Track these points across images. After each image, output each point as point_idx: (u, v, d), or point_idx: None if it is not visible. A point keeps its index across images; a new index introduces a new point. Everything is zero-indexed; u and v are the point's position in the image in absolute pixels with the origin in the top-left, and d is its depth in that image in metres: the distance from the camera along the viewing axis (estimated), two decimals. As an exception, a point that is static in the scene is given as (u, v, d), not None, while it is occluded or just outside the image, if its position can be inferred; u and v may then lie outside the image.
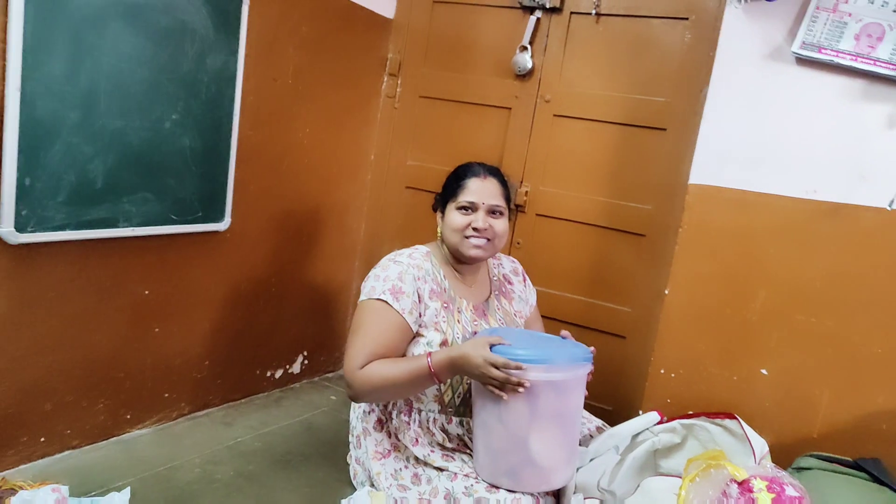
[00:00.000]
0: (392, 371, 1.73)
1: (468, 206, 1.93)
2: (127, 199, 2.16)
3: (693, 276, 2.33)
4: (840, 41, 2.04)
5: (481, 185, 1.94)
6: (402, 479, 1.87)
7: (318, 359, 3.23)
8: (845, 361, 2.13)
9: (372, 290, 1.83)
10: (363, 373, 1.74)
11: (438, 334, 1.86)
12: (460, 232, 1.92)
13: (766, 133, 2.19)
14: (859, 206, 2.08)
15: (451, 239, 1.95)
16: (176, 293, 2.46)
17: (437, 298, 1.89)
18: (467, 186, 1.94)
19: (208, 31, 2.28)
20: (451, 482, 1.80)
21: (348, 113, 3.04)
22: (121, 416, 2.38)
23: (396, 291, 1.81)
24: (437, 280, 1.92)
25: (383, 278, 1.84)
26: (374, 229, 3.27)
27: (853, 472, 1.97)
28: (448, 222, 1.95)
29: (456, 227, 1.92)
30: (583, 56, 2.75)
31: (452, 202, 1.95)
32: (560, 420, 1.75)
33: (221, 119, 2.40)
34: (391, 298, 1.80)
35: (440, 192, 2.04)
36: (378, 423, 1.97)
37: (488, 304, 2.05)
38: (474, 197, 1.93)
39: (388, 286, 1.81)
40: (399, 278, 1.83)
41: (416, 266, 1.88)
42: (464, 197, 1.93)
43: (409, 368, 1.73)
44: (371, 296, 1.82)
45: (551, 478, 1.77)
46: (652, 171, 2.62)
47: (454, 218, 1.93)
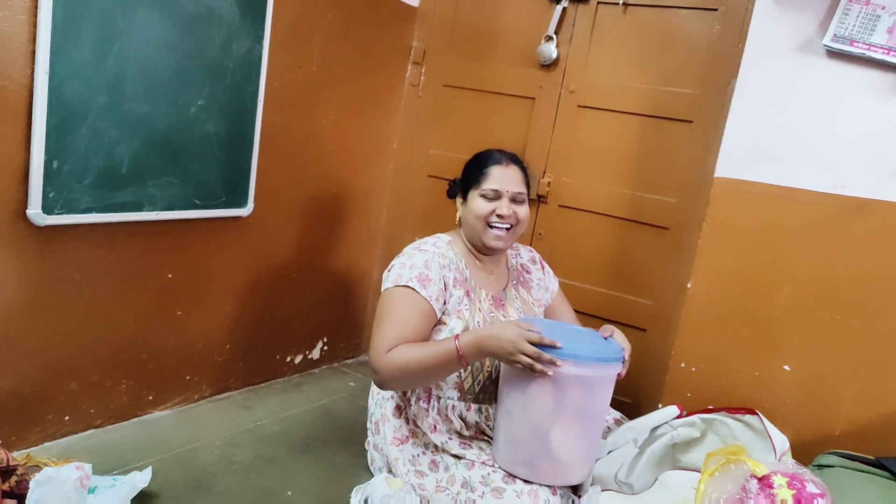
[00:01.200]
0: (419, 354, 1.72)
1: (492, 194, 1.92)
2: (152, 184, 2.18)
3: (716, 271, 2.31)
4: (872, 34, 2.00)
5: (504, 173, 1.94)
6: (419, 465, 1.88)
7: (338, 345, 3.24)
8: (869, 360, 2.10)
9: (398, 277, 1.83)
10: (389, 357, 1.73)
11: (461, 322, 1.86)
12: (484, 219, 1.92)
13: (794, 127, 2.16)
14: (889, 202, 2.04)
15: (473, 226, 1.95)
16: (198, 277, 2.49)
17: (460, 287, 1.90)
18: (491, 174, 1.94)
19: (234, 18, 2.29)
20: (468, 471, 1.80)
21: (372, 101, 3.04)
22: (143, 396, 2.42)
23: (423, 279, 1.81)
24: (460, 269, 1.93)
25: (409, 266, 1.84)
26: (395, 217, 3.27)
27: (875, 471, 1.94)
28: (471, 209, 1.94)
29: (480, 214, 1.92)
30: (609, 47, 2.73)
31: (475, 189, 1.95)
32: (584, 416, 1.74)
33: (246, 105, 2.42)
34: (418, 285, 1.80)
35: (459, 179, 2.04)
36: (396, 409, 1.98)
37: (506, 293, 2.05)
38: (498, 185, 1.93)
39: (415, 273, 1.82)
40: (425, 266, 1.84)
41: (440, 254, 1.89)
42: (487, 185, 1.93)
43: (436, 351, 1.71)
44: (397, 283, 1.82)
45: (568, 473, 1.76)
46: (677, 163, 2.60)
47: (478, 205, 1.93)
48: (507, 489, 1.72)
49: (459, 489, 1.77)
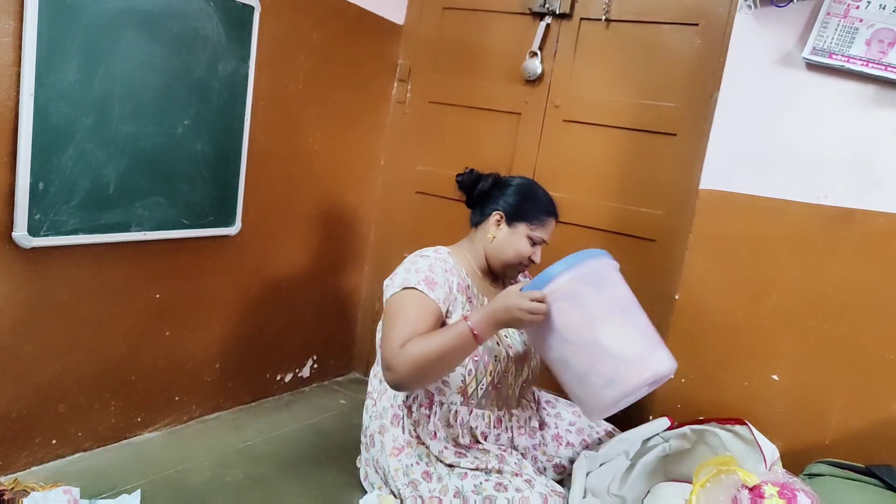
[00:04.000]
0: (433, 342, 1.68)
1: (539, 241, 1.99)
2: (139, 204, 2.18)
3: (703, 282, 2.32)
4: (851, 47, 2.03)
5: (554, 227, 2.03)
6: (412, 474, 1.88)
7: (328, 363, 3.23)
8: (858, 368, 2.12)
9: (405, 281, 1.83)
10: (404, 351, 1.69)
11: None
12: (519, 258, 1.98)
13: (776, 138, 2.18)
14: (871, 211, 2.06)
15: (505, 259, 1.99)
16: (187, 297, 2.48)
17: (462, 292, 1.92)
18: (548, 224, 2.01)
19: (220, 38, 2.30)
20: (461, 480, 1.81)
21: (359, 118, 3.05)
22: (132, 418, 2.40)
23: (430, 282, 1.82)
24: (461, 276, 1.95)
25: (414, 271, 1.85)
26: (384, 234, 3.28)
27: (865, 479, 1.96)
28: (514, 243, 1.98)
29: (520, 254, 1.97)
30: (593, 62, 2.76)
31: (526, 226, 1.98)
32: (617, 310, 1.76)
33: (233, 124, 2.42)
34: (426, 288, 1.81)
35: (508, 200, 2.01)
36: (395, 418, 1.98)
37: None
38: (546, 236, 2.00)
39: (422, 277, 1.83)
40: (430, 270, 1.85)
41: (442, 260, 1.92)
42: (540, 233, 1.99)
43: (450, 335, 1.69)
44: (405, 286, 1.81)
45: (649, 364, 1.71)
46: (662, 176, 2.62)
47: (522, 244, 1.97)
48: (498, 497, 1.72)
49: (452, 499, 1.77)
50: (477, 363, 1.88)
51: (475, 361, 1.88)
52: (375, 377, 2.08)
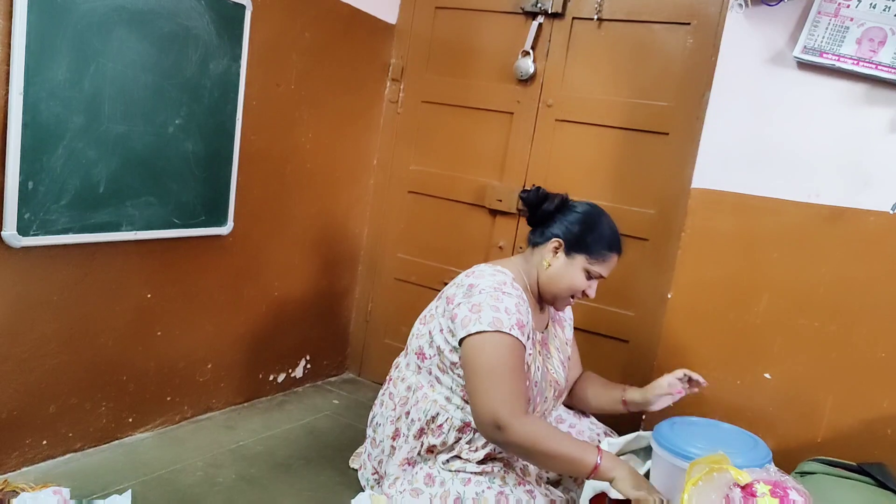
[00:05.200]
0: (557, 442, 1.67)
1: (597, 276, 1.89)
2: (130, 203, 2.17)
3: (696, 281, 2.32)
4: (842, 45, 2.04)
5: (615, 263, 1.92)
6: (416, 482, 1.84)
7: (321, 363, 3.23)
8: (849, 366, 2.12)
9: (497, 322, 1.72)
10: (528, 425, 1.66)
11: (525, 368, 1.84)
12: (572, 291, 1.89)
13: (768, 137, 2.19)
14: (862, 209, 2.07)
15: (557, 289, 1.89)
16: (178, 297, 2.47)
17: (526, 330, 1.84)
18: (609, 260, 1.90)
19: (211, 37, 2.29)
20: (463, 486, 1.78)
21: (351, 118, 3.05)
22: (123, 418, 2.39)
23: (521, 325, 1.75)
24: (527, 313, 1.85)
25: (504, 310, 1.75)
26: (376, 234, 3.27)
27: (857, 477, 1.96)
28: (571, 275, 1.87)
29: (574, 287, 1.88)
30: (585, 61, 2.76)
31: (585, 258, 1.87)
32: None
33: (224, 124, 2.42)
34: (519, 333, 1.73)
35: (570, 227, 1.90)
36: (420, 432, 1.90)
37: (548, 333, 2.02)
38: (605, 272, 1.90)
39: (514, 321, 1.74)
40: (518, 310, 1.76)
41: (521, 298, 1.81)
42: (600, 268, 1.88)
43: (575, 450, 1.67)
44: (499, 329, 1.72)
45: None
46: (654, 175, 2.62)
47: (578, 277, 1.87)
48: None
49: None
50: (529, 403, 1.81)
51: (532, 397, 1.83)
52: (403, 382, 1.97)
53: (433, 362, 1.85)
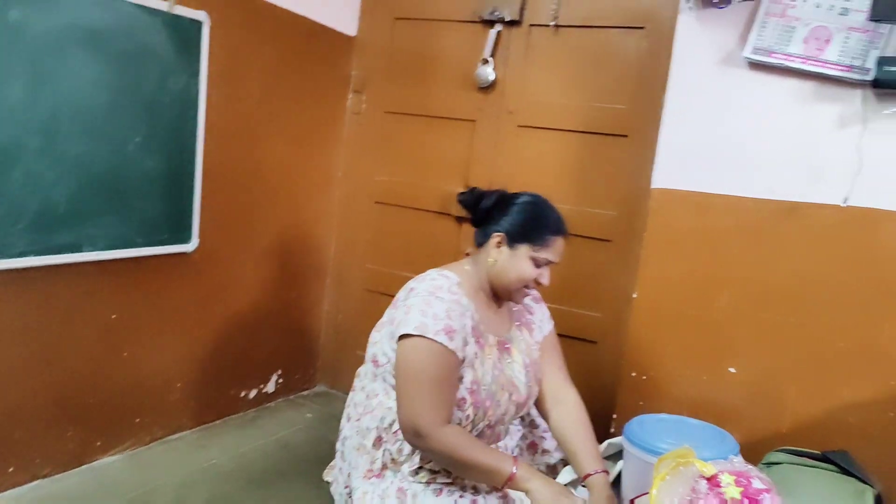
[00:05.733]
0: (474, 452, 1.67)
1: (544, 263, 1.84)
2: (91, 224, 2.15)
3: (660, 279, 2.36)
4: (789, 45, 2.09)
5: (562, 245, 1.86)
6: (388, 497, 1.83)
7: (293, 377, 3.21)
8: (810, 357, 2.17)
9: (423, 326, 1.70)
10: (446, 433, 1.66)
11: (471, 372, 1.80)
12: (523, 282, 1.85)
13: (723, 136, 2.24)
14: (815, 203, 2.13)
15: (508, 282, 1.85)
16: (145, 316, 2.45)
17: (473, 335, 1.80)
18: (554, 244, 1.84)
19: (169, 54, 2.29)
20: (435, 497, 1.77)
21: (315, 130, 3.05)
22: (92, 442, 2.36)
23: (449, 331, 1.71)
24: (472, 315, 1.82)
25: (432, 315, 1.72)
26: (344, 245, 3.27)
27: (821, 465, 2.00)
28: (516, 266, 1.83)
29: (524, 277, 1.83)
30: (544, 67, 2.79)
31: (529, 247, 1.82)
32: None
33: (185, 140, 2.41)
34: (446, 339, 1.70)
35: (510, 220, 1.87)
36: (377, 440, 1.86)
37: (511, 336, 1.99)
38: (553, 256, 1.84)
39: (441, 326, 1.70)
40: (448, 316, 1.72)
41: (457, 302, 1.77)
42: (546, 254, 1.83)
43: (490, 460, 1.67)
44: (424, 333, 1.69)
45: None
46: (616, 177, 2.66)
47: (525, 267, 1.83)
48: None
49: None
50: (477, 409, 1.78)
51: (475, 407, 1.79)
52: (363, 391, 1.95)
53: (386, 369, 1.84)
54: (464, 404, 1.73)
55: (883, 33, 1.98)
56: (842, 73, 2.03)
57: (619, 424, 2.35)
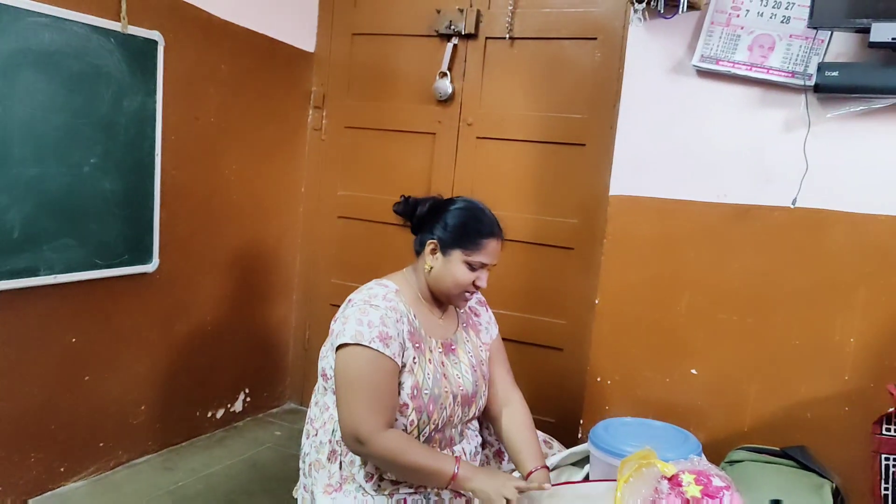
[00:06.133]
0: (416, 455, 1.69)
1: (479, 266, 1.85)
2: (47, 247, 2.13)
3: (621, 285, 2.40)
4: (735, 53, 2.15)
5: (496, 247, 1.87)
6: None
7: (261, 395, 3.19)
8: (768, 356, 2.22)
9: (359, 335, 1.73)
10: (386, 438, 1.67)
11: (411, 377, 1.81)
12: (463, 288, 1.86)
13: (676, 143, 2.28)
14: (766, 206, 2.18)
15: (446, 289, 1.87)
16: (105, 339, 2.42)
17: (411, 340, 1.81)
18: (486, 247, 1.84)
19: (123, 74, 2.28)
20: None
21: (276, 147, 3.05)
22: (55, 468, 2.32)
23: (385, 337, 1.73)
24: (410, 320, 1.84)
25: (367, 323, 1.74)
26: (309, 261, 3.27)
27: (781, 461, 2.05)
28: (451, 272, 1.85)
29: (461, 283, 1.84)
30: (501, 79, 2.83)
31: (461, 252, 1.83)
32: None
33: (143, 160, 2.39)
34: (381, 346, 1.72)
35: (442, 226, 1.87)
36: (332, 454, 1.88)
37: (456, 337, 2.01)
38: (487, 259, 1.85)
39: (375, 333, 1.72)
40: (382, 323, 1.74)
41: (393, 309, 1.78)
42: (479, 257, 1.83)
43: (432, 462, 1.69)
44: (359, 341, 1.72)
45: None
46: (575, 185, 2.70)
47: (460, 272, 1.84)
48: None
49: None
50: (420, 413, 1.80)
51: (418, 412, 1.81)
52: (316, 405, 1.96)
53: (334, 381, 1.86)
54: (406, 410, 1.75)
55: (823, 40, 2.05)
56: (785, 79, 2.10)
57: (586, 429, 2.37)
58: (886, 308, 2.08)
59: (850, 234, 2.10)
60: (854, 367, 2.12)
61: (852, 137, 2.08)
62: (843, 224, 2.10)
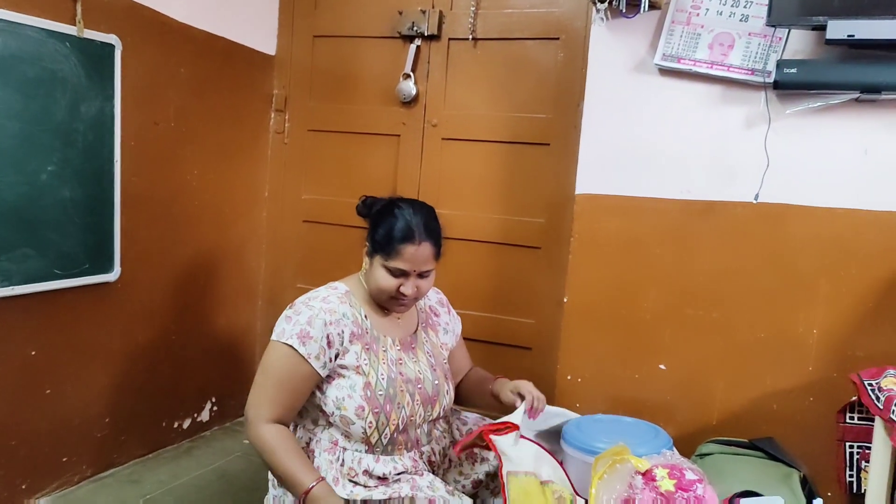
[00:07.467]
0: (282, 457, 1.71)
1: (398, 273, 1.81)
2: (5, 258, 2.07)
3: (588, 283, 2.41)
4: (696, 51, 2.18)
5: (415, 253, 1.80)
6: None
7: (229, 403, 3.14)
8: (734, 349, 2.26)
9: (281, 332, 1.77)
10: (265, 431, 1.72)
11: (360, 377, 1.80)
12: (387, 294, 1.83)
13: (639, 140, 2.31)
14: (730, 202, 2.22)
15: (375, 294, 1.85)
16: (67, 351, 2.36)
17: (357, 341, 1.80)
18: (401, 253, 1.79)
19: (80, 79, 2.22)
20: None
21: (237, 151, 3.01)
22: (16, 486, 2.25)
23: (304, 336, 1.73)
24: (358, 321, 1.82)
25: (294, 321, 1.77)
26: (274, 266, 3.23)
27: (750, 452, 2.08)
28: (375, 278, 1.82)
29: (384, 289, 1.82)
30: (464, 80, 2.84)
31: (381, 258, 1.81)
32: None
33: (102, 167, 2.34)
34: (298, 343, 1.73)
35: (369, 230, 1.87)
36: None
37: (416, 336, 2.00)
38: (406, 266, 1.80)
39: (297, 331, 1.74)
40: (308, 323, 1.75)
41: (328, 311, 1.77)
42: (395, 263, 1.79)
43: (294, 471, 1.70)
44: (280, 338, 1.76)
45: None
46: (540, 185, 2.72)
47: (383, 278, 1.81)
48: None
49: None
50: (378, 415, 1.79)
51: (375, 413, 1.79)
52: None
53: None
54: (362, 412, 1.75)
55: (781, 37, 2.09)
56: (745, 76, 2.13)
57: (558, 427, 2.38)
58: (847, 299, 2.13)
59: (811, 228, 2.15)
60: (817, 358, 2.17)
61: (811, 133, 2.13)
62: (803, 218, 2.15)
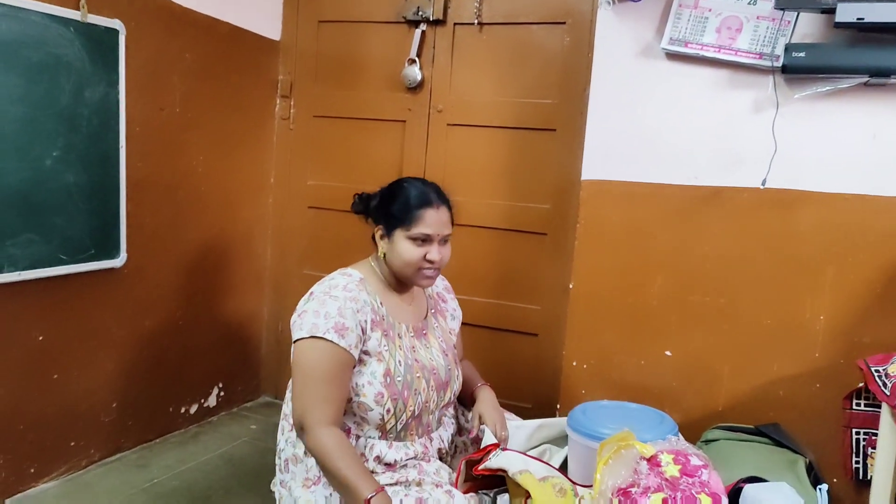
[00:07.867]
0: (341, 463, 1.67)
1: (423, 238, 1.83)
2: (10, 243, 2.07)
3: (594, 269, 2.41)
4: (703, 35, 2.16)
5: (436, 216, 1.84)
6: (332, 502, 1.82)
7: (235, 389, 3.15)
8: (740, 335, 2.25)
9: (314, 327, 1.73)
10: (324, 435, 1.68)
11: (381, 364, 1.80)
12: (415, 265, 1.84)
13: (646, 126, 2.29)
14: (736, 187, 2.20)
15: (401, 269, 1.86)
16: (74, 336, 2.37)
17: (377, 328, 1.81)
18: (423, 218, 1.82)
19: (84, 64, 2.22)
20: None
21: (243, 137, 3.00)
22: (24, 470, 2.27)
23: (340, 328, 1.72)
24: (375, 308, 1.83)
25: (324, 315, 1.74)
26: (280, 252, 3.23)
27: (755, 438, 2.08)
28: (400, 253, 1.84)
29: (410, 261, 1.83)
30: (470, 65, 2.82)
31: (403, 230, 1.83)
32: None
33: (107, 152, 2.34)
34: (336, 337, 1.71)
35: (382, 210, 1.88)
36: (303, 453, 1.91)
37: (427, 322, 2.01)
38: (430, 229, 1.83)
39: (331, 324, 1.72)
40: (340, 314, 1.74)
41: (352, 299, 1.77)
42: (419, 229, 1.82)
43: (353, 479, 1.66)
44: (314, 333, 1.72)
45: None
46: (546, 171, 2.70)
47: (408, 250, 1.82)
48: None
49: None
50: (396, 401, 1.79)
51: (394, 400, 1.80)
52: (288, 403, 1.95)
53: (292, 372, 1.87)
54: (381, 399, 1.75)
55: (789, 21, 2.06)
56: (753, 60, 2.11)
57: (563, 414, 2.38)
58: (854, 285, 2.12)
59: (818, 214, 2.13)
60: (824, 345, 2.16)
61: (819, 117, 2.10)
62: (811, 203, 2.13)
